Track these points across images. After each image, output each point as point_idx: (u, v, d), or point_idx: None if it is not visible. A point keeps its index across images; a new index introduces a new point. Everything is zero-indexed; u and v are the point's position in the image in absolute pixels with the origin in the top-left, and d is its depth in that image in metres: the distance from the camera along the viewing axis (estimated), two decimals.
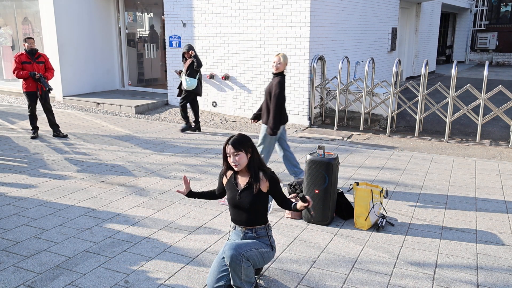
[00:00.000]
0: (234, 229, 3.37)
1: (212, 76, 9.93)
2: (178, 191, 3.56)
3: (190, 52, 8.18)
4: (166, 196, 5.19)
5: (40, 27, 11.65)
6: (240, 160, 3.16)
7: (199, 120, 8.53)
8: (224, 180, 3.40)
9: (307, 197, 3.19)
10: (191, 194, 3.57)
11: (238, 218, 3.28)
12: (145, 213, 4.71)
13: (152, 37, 12.49)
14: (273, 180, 3.25)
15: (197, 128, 8.47)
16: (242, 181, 3.28)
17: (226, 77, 9.75)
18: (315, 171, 4.37)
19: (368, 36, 11.23)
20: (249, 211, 3.23)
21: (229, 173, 3.35)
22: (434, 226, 4.46)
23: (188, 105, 8.42)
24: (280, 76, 5.31)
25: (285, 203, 3.33)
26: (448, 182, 5.78)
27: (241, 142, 3.18)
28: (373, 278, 3.51)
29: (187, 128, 8.45)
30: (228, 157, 3.21)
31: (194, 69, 8.12)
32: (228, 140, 3.19)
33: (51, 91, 7.67)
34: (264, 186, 3.23)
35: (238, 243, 3.14)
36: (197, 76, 8.20)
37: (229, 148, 3.17)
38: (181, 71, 8.73)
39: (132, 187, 5.47)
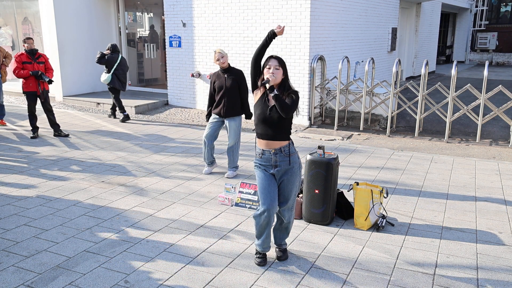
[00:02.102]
0: (263, 155, 3.54)
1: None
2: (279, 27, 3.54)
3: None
4: (166, 196, 5.19)
5: (40, 27, 11.65)
6: (277, 75, 3.41)
7: (125, 111, 9.39)
8: (256, 96, 3.57)
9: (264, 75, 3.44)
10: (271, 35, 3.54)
11: (266, 132, 3.51)
12: (145, 213, 4.71)
13: (152, 37, 12.49)
14: (298, 97, 3.53)
15: (113, 114, 9.61)
16: (271, 97, 3.49)
17: None
18: (315, 171, 4.37)
19: (368, 36, 11.23)
20: (277, 125, 3.48)
21: (261, 91, 3.54)
22: (434, 226, 4.46)
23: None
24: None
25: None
26: (448, 182, 5.78)
27: (283, 61, 3.49)
28: (373, 278, 3.51)
29: (125, 118, 9.36)
30: (267, 69, 3.41)
31: (109, 65, 9.04)
32: (271, 56, 3.46)
33: (51, 83, 7.66)
34: None
35: (285, 202, 3.59)
36: (111, 71, 8.98)
37: (273, 61, 3.42)
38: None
39: (132, 187, 5.47)
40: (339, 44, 9.88)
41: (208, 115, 5.94)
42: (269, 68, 3.41)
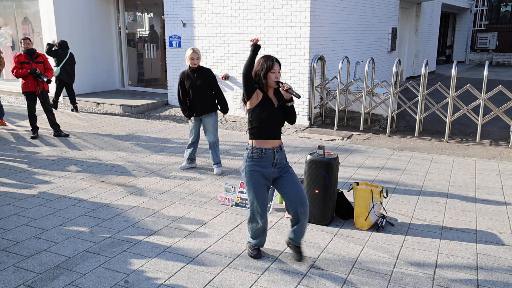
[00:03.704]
0: (264, 154, 3.51)
1: None
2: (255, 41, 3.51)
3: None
4: (166, 196, 5.19)
5: (40, 27, 11.65)
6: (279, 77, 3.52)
7: (76, 103, 10.24)
8: (253, 102, 3.51)
9: (281, 82, 3.47)
10: (257, 48, 3.50)
11: (274, 133, 3.53)
12: (145, 213, 4.71)
13: (152, 37, 12.49)
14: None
15: (75, 108, 10.30)
16: (274, 98, 3.55)
17: (226, 77, 9.75)
18: (315, 171, 4.37)
19: (368, 36, 11.23)
20: (281, 125, 3.56)
21: (260, 94, 3.51)
22: (434, 226, 4.45)
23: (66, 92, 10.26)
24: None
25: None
26: (448, 182, 5.78)
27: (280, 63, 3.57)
28: (373, 278, 3.51)
29: (53, 105, 10.19)
30: (272, 73, 3.44)
31: (59, 59, 9.83)
32: (273, 59, 3.46)
33: (50, 82, 7.68)
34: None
35: (303, 198, 3.55)
36: (61, 65, 9.78)
37: (276, 65, 3.45)
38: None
39: (132, 187, 5.47)
40: (339, 44, 9.88)
41: (188, 113, 5.86)
42: (273, 73, 3.44)
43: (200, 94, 5.76)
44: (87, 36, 11.58)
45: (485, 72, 7.54)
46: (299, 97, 3.48)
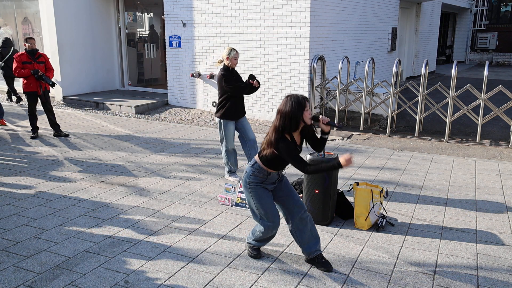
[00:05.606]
0: (269, 176, 3.54)
1: (212, 76, 9.93)
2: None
3: None
4: (166, 196, 5.19)
5: (40, 27, 11.65)
6: None
7: (17, 94, 11.15)
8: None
9: (319, 117, 3.44)
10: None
11: (284, 167, 3.59)
12: (145, 213, 4.71)
13: (152, 37, 12.48)
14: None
15: (9, 98, 11.38)
16: (298, 138, 3.55)
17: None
18: None
19: (368, 36, 11.23)
20: None
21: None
22: (434, 226, 4.46)
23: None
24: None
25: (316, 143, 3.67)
26: (448, 182, 5.78)
27: None
28: (373, 278, 3.51)
29: (18, 100, 11.18)
30: (306, 111, 3.37)
31: (1, 57, 10.66)
32: (304, 97, 3.38)
33: (54, 86, 7.69)
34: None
35: (301, 201, 3.65)
36: (3, 61, 10.61)
37: (307, 104, 3.39)
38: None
39: (132, 187, 5.47)
40: (339, 44, 9.88)
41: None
42: (307, 110, 3.38)
43: (241, 95, 5.60)
44: (87, 36, 11.57)
45: (485, 72, 7.54)
46: (341, 127, 3.48)
